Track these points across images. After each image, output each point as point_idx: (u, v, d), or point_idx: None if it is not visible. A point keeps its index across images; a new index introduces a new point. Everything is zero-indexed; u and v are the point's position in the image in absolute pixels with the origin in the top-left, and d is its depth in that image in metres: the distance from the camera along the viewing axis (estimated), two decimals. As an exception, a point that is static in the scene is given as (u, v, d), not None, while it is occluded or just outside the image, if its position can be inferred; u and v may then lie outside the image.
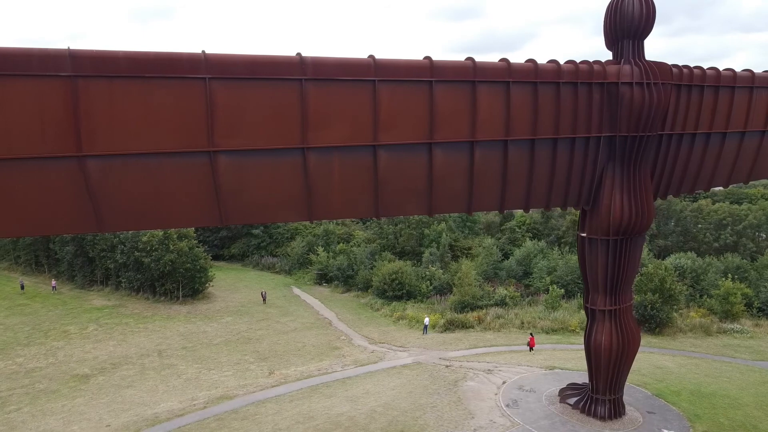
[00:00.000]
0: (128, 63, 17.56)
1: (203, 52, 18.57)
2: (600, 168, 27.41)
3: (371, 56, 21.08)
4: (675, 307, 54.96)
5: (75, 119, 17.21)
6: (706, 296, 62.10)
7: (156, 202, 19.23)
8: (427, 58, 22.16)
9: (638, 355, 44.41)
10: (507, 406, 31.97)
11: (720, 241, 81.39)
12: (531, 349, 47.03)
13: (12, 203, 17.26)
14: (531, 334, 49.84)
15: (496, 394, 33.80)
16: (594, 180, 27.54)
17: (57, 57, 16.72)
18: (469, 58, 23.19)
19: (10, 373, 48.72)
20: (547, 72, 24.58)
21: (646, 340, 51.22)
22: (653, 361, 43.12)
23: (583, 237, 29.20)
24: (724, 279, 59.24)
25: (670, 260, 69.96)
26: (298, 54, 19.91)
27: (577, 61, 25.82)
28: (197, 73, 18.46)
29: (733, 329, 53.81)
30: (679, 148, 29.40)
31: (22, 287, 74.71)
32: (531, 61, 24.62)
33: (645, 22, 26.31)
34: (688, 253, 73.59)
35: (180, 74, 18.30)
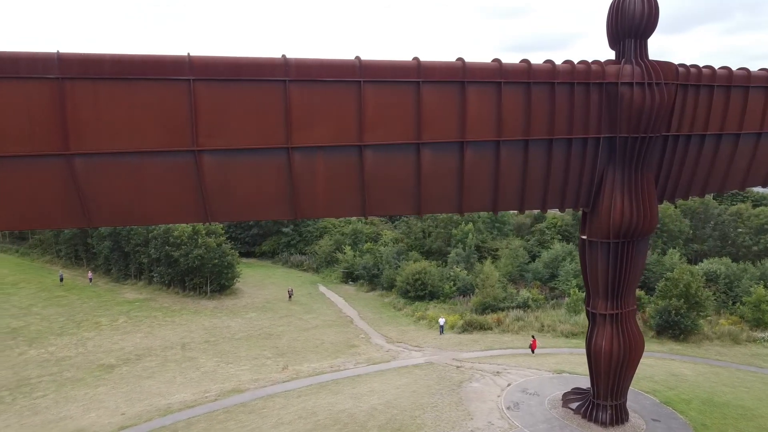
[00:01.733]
0: (113, 65, 18.28)
1: (188, 54, 19.17)
2: (600, 169, 26.90)
3: (357, 57, 21.32)
4: (702, 313, 53.23)
5: (62, 119, 18.03)
6: (738, 303, 59.98)
7: (142, 199, 19.94)
8: (415, 58, 22.25)
9: (655, 362, 43.67)
10: (508, 408, 31.70)
11: (760, 245, 78.23)
12: (533, 351, 46.85)
13: (3, 199, 18.23)
14: (533, 336, 49.94)
15: (498, 396, 33.56)
16: (593, 181, 27.05)
17: (45, 60, 17.56)
18: (460, 59, 23.15)
19: (41, 361, 51.09)
20: (540, 72, 24.29)
21: (668, 346, 50.07)
22: (671, 368, 41.94)
23: (583, 239, 28.72)
24: (756, 285, 56.98)
25: (703, 265, 67.74)
26: (283, 56, 20.31)
27: (575, 61, 25.45)
28: (181, 75, 19.05)
29: (763, 338, 51.80)
30: (687, 150, 28.56)
31: (61, 279, 77.96)
32: (525, 61, 24.38)
33: (647, 21, 25.68)
34: (724, 258, 71.11)
35: (164, 76, 18.93)
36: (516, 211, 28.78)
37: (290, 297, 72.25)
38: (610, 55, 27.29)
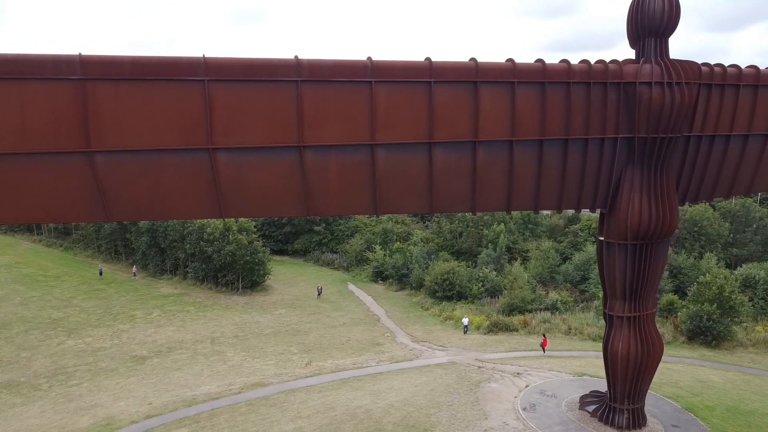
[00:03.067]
0: (132, 67, 19.14)
1: (203, 55, 19.88)
2: (618, 170, 26.60)
3: (369, 58, 21.70)
4: (736, 319, 51.73)
5: (84, 118, 18.98)
6: (779, 310, 58.07)
7: (159, 195, 20.78)
8: (427, 59, 22.50)
9: (683, 368, 42.77)
10: (524, 409, 31.59)
11: (803, 251, 75.43)
12: (544, 350, 47.16)
13: (29, 193, 19.30)
14: (544, 335, 50.29)
15: (516, 397, 33.45)
16: (611, 182, 26.76)
17: (68, 62, 18.52)
18: (473, 59, 23.28)
19: (78, 351, 53.17)
20: (555, 72, 24.21)
21: (699, 353, 48.92)
22: (698, 374, 40.97)
23: (601, 240, 28.43)
24: (795, 292, 55.05)
25: (741, 270, 65.71)
26: (295, 57, 20.83)
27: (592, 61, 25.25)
28: (196, 76, 19.79)
29: (801, 346, 49.98)
30: (711, 151, 27.97)
31: (101, 273, 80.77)
32: (539, 61, 24.35)
33: (668, 20, 25.29)
34: (765, 263, 68.80)
35: (180, 77, 19.71)
36: (549, 212, 28.78)
37: (319, 294, 73.15)
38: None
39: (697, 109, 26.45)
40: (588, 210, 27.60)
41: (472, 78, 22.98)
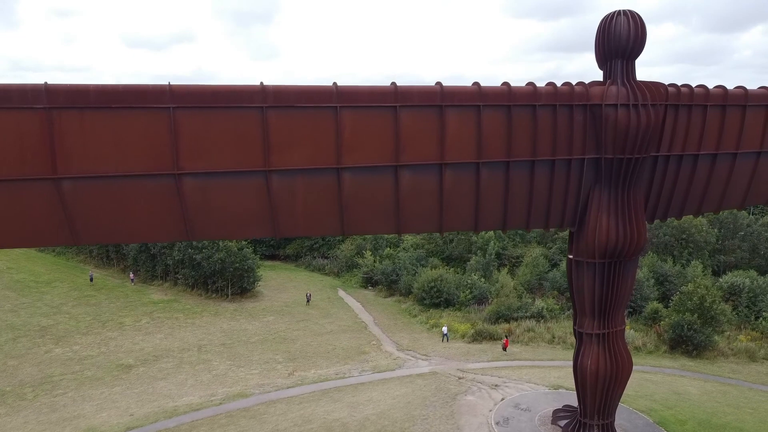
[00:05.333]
0: (98, 95, 19.54)
1: (168, 83, 20.26)
2: (585, 190, 27.00)
3: (334, 83, 22.09)
4: (717, 329, 52.16)
5: (51, 145, 19.36)
6: (762, 319, 58.44)
7: (126, 218, 21.16)
8: (393, 83, 22.90)
9: (661, 379, 43.19)
10: (497, 423, 32.00)
11: (791, 258, 75.89)
12: (505, 349, 51.13)
13: None
14: (506, 336, 54.10)
15: (490, 411, 33.87)
16: (579, 201, 27.16)
17: (34, 91, 18.91)
18: (438, 83, 23.67)
19: (65, 359, 53.48)
20: (521, 95, 24.60)
21: (680, 362, 49.32)
22: (676, 385, 41.38)
23: (570, 259, 28.83)
24: (777, 301, 55.48)
25: (727, 278, 66.18)
26: (261, 83, 21.22)
27: (559, 83, 25.65)
28: (162, 103, 20.19)
29: (782, 356, 50.41)
30: (679, 170, 28.37)
31: (91, 279, 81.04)
32: (505, 84, 24.76)
33: (634, 42, 25.68)
34: (750, 271, 69.28)
35: (146, 104, 20.11)
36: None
37: (308, 301, 73.50)
38: (666, 53, 27.11)
39: (664, 129, 26.86)
40: (557, 229, 27.97)
41: (438, 102, 23.37)
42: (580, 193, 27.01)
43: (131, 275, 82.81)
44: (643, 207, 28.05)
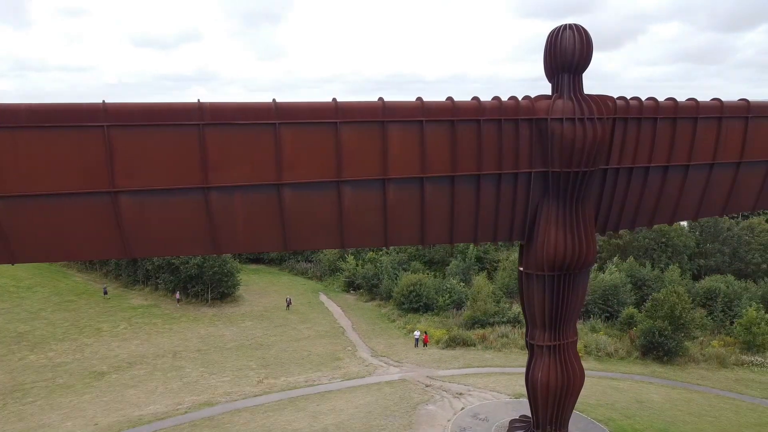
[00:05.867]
0: (29, 115, 19.52)
1: (103, 101, 20.29)
2: (534, 203, 27.04)
3: (273, 100, 22.13)
4: (688, 334, 52.38)
5: (-18, 165, 19.35)
6: (737, 324, 58.65)
7: (62, 237, 21.15)
8: (333, 99, 22.95)
9: (628, 386, 43.39)
10: (453, 433, 32.11)
11: (769, 262, 76.20)
12: (425, 345, 56.17)
13: None
14: (425, 332, 58.70)
15: (449, 421, 33.94)
16: (527, 215, 27.19)
17: None
18: (380, 98, 23.72)
19: (39, 367, 53.51)
20: (465, 110, 24.64)
21: (651, 369, 49.51)
22: (640, 393, 41.53)
23: (521, 271, 28.91)
24: (749, 307, 55.66)
25: (703, 283, 66.46)
26: (198, 101, 21.26)
27: (505, 97, 25.76)
28: (96, 122, 20.17)
29: (752, 362, 50.68)
30: (630, 182, 28.42)
31: (105, 292, 78.48)
32: (449, 99, 24.84)
33: (580, 56, 25.71)
34: (728, 276, 69.55)
35: (79, 123, 20.10)
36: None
37: (288, 306, 73.56)
38: (669, 53, 27.22)
39: (613, 142, 26.95)
40: (506, 242, 28.05)
41: (379, 118, 23.39)
42: (528, 207, 27.04)
43: (177, 295, 75.45)
44: (593, 220, 28.12)
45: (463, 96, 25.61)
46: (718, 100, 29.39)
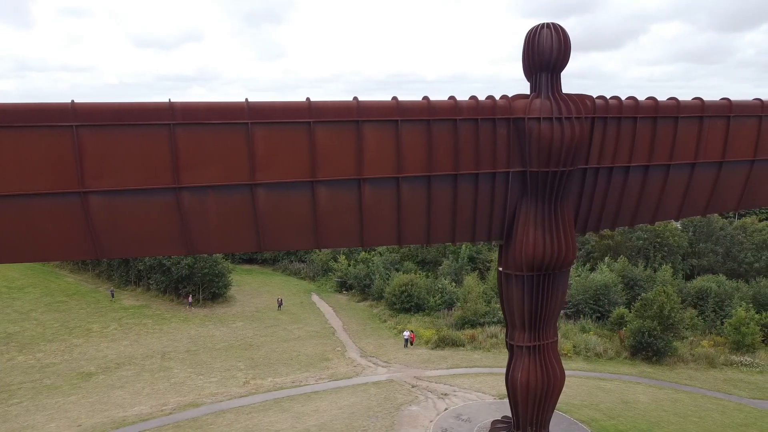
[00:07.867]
0: (-3, 114, 19.41)
1: (71, 101, 20.15)
2: (512, 203, 26.91)
3: (246, 99, 22.00)
4: (678, 334, 52.28)
5: (-50, 165, 19.23)
6: (726, 324, 58.55)
7: (32, 237, 21.01)
8: (307, 99, 22.82)
9: (614, 387, 43.22)
10: (435, 435, 31.99)
11: (761, 262, 76.03)
12: (412, 343, 56.58)
13: None
14: (411, 330, 59.21)
15: (431, 422, 33.82)
16: (505, 215, 27.07)
17: None
18: (355, 98, 23.59)
19: (27, 368, 53.34)
20: (441, 110, 24.51)
21: (639, 369, 49.36)
22: (627, 393, 41.38)
23: (500, 271, 28.79)
24: (739, 307, 55.56)
25: (694, 283, 66.33)
26: (168, 100, 21.13)
27: (488, 96, 25.66)
28: (65, 122, 20.05)
29: (741, 362, 50.55)
30: (610, 182, 28.29)
31: (113, 295, 77.72)
32: (425, 98, 24.70)
33: (558, 55, 25.57)
34: (719, 276, 69.46)
35: (49, 123, 19.98)
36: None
37: (280, 306, 73.42)
38: (670, 52, 27.04)
39: (592, 142, 26.81)
40: (484, 242, 27.92)
41: (354, 117, 23.26)
42: (507, 207, 26.91)
43: (189, 298, 74.00)
44: (572, 220, 27.99)
45: (463, 96, 25.51)
46: (700, 99, 29.27)
